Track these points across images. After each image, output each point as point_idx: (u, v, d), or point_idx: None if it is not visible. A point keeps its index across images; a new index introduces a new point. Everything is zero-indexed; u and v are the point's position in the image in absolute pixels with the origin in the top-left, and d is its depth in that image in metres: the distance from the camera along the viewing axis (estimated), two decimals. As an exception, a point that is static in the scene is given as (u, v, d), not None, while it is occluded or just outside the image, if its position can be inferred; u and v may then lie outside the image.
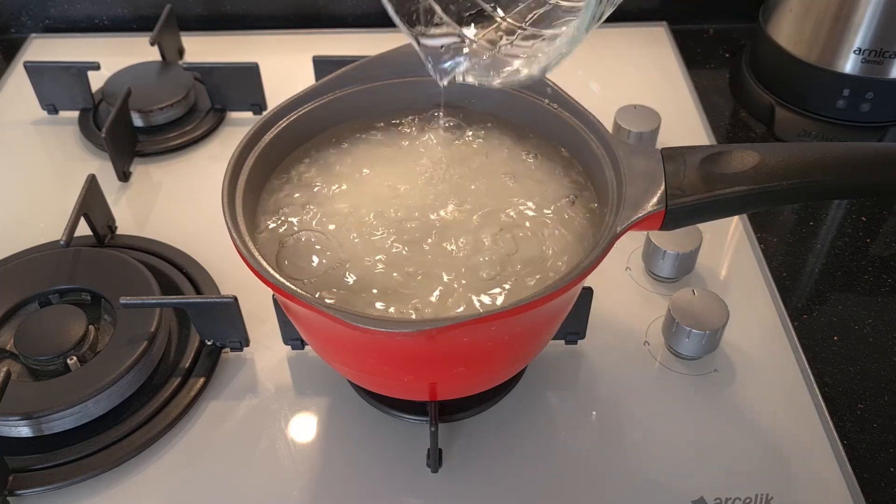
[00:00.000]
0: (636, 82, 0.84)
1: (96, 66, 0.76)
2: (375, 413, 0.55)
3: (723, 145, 0.47)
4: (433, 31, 0.48)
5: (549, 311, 0.46)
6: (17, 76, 0.85)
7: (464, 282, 0.47)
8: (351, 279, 0.47)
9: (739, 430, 0.55)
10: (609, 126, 0.70)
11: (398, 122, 0.55)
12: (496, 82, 0.46)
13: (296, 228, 0.49)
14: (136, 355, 0.54)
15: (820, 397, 0.56)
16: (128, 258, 0.61)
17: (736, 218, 0.69)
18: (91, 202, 0.64)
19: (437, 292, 0.46)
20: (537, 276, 0.46)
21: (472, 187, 0.52)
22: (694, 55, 0.91)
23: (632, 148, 0.46)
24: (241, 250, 0.42)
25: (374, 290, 0.46)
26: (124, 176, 0.73)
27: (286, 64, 0.80)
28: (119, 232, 0.68)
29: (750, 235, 0.68)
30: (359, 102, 0.53)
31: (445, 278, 0.47)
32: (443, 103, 0.54)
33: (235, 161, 0.47)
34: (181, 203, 0.72)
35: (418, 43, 0.46)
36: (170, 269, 0.63)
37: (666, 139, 0.74)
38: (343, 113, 0.53)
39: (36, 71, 0.77)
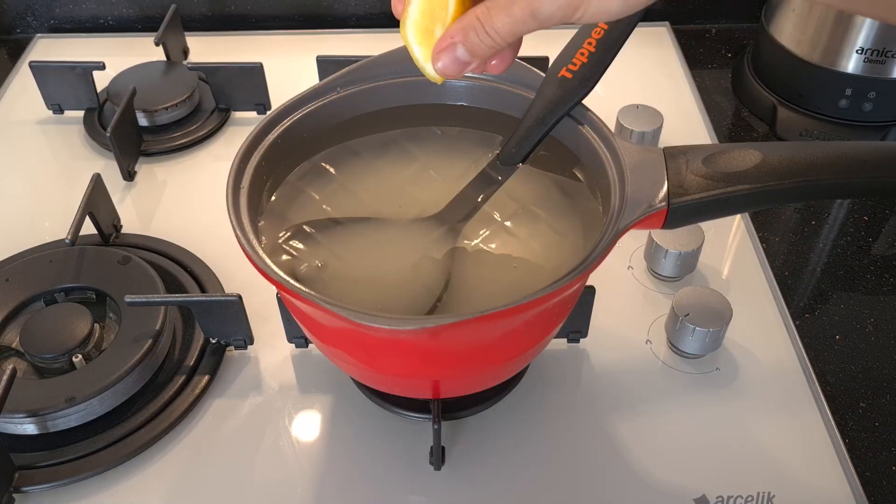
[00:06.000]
0: (639, 82, 0.84)
1: (101, 66, 0.76)
2: (379, 411, 0.55)
3: (725, 144, 0.47)
4: None
5: (551, 309, 0.46)
6: (23, 76, 0.85)
7: (463, 282, 0.47)
8: (350, 275, 0.47)
9: (741, 429, 0.55)
10: (612, 126, 0.70)
11: (400, 120, 0.55)
12: None
13: (302, 227, 0.49)
14: (140, 353, 0.54)
15: (822, 396, 0.56)
16: (133, 257, 0.61)
17: (738, 217, 0.69)
18: (96, 201, 0.64)
19: (433, 294, 0.46)
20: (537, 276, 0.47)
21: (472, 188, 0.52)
22: (696, 55, 0.91)
23: (634, 147, 0.47)
24: (246, 248, 0.42)
25: (373, 286, 0.46)
26: (129, 175, 0.74)
27: (290, 64, 0.80)
28: (124, 231, 0.68)
29: (752, 234, 0.68)
30: (362, 101, 0.53)
31: (445, 277, 0.47)
32: (443, 102, 0.54)
33: (240, 160, 0.47)
34: (186, 202, 0.72)
35: None
36: (174, 267, 0.64)
37: (668, 139, 0.74)
38: (346, 112, 0.53)
39: (41, 71, 0.78)
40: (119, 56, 0.84)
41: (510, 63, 0.39)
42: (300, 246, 0.48)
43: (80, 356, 0.55)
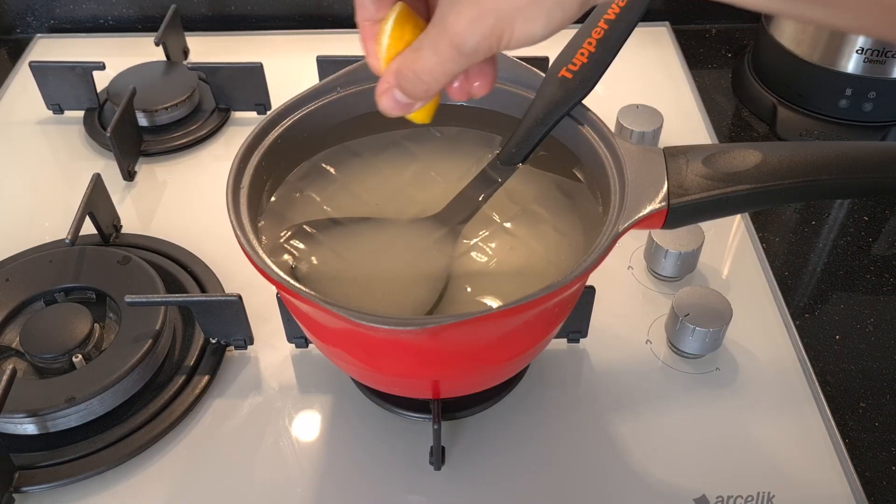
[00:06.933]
0: (639, 82, 0.84)
1: (101, 66, 0.76)
2: (379, 411, 0.55)
3: (725, 144, 0.47)
4: None
5: (551, 309, 0.46)
6: (23, 76, 0.85)
7: (463, 283, 0.47)
8: (350, 275, 0.47)
9: (741, 429, 0.55)
10: (611, 126, 0.70)
11: (400, 120, 0.55)
12: None
13: (302, 227, 0.49)
14: (140, 353, 0.54)
15: (822, 396, 0.56)
16: (133, 257, 0.61)
17: (738, 217, 0.70)
18: (96, 201, 0.64)
19: (433, 295, 0.46)
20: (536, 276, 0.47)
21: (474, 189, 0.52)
22: (696, 55, 0.91)
23: (634, 147, 0.47)
24: (246, 248, 0.42)
25: (373, 286, 0.46)
26: (129, 175, 0.74)
27: (290, 64, 0.80)
28: (124, 231, 0.68)
29: (752, 234, 0.68)
30: (362, 101, 0.53)
31: (445, 277, 0.47)
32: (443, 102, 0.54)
33: (240, 160, 0.47)
34: (186, 202, 0.72)
35: None
36: (174, 267, 0.64)
37: (668, 139, 0.74)
38: (346, 112, 0.53)
39: (41, 71, 0.78)
40: (119, 56, 0.84)
41: (491, 83, 0.38)
42: (300, 246, 0.49)
43: (80, 356, 0.55)
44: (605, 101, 0.74)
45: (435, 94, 0.37)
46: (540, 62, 0.71)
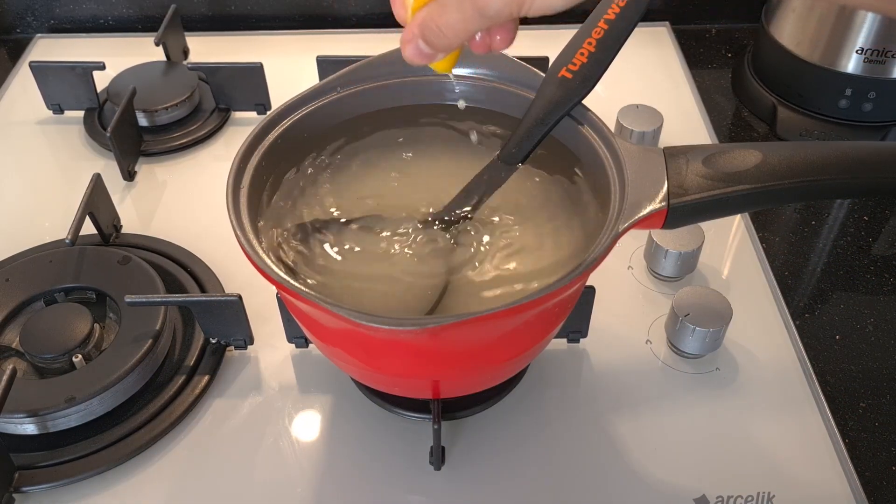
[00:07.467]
0: (639, 82, 0.84)
1: (101, 66, 0.77)
2: (379, 411, 0.55)
3: (725, 144, 0.47)
4: None
5: (551, 309, 0.46)
6: (23, 76, 0.85)
7: (463, 282, 0.47)
8: (350, 275, 0.47)
9: (741, 429, 0.55)
10: (612, 126, 0.70)
11: (400, 120, 0.55)
12: None
13: (302, 227, 0.49)
14: (140, 353, 0.54)
15: (822, 396, 0.56)
16: (133, 257, 0.61)
17: (738, 217, 0.70)
18: (96, 201, 0.64)
19: (433, 294, 0.46)
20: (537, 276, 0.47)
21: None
22: (696, 55, 0.91)
23: (634, 147, 0.47)
24: (246, 248, 0.42)
25: (373, 285, 0.46)
26: (129, 175, 0.74)
27: (290, 64, 0.81)
28: (124, 231, 0.68)
29: (752, 234, 0.68)
30: (361, 102, 0.53)
31: (445, 277, 0.47)
32: (443, 102, 0.54)
33: (240, 160, 0.47)
34: (186, 202, 0.72)
35: None
36: (174, 267, 0.64)
37: (668, 139, 0.74)
38: (346, 112, 0.53)
39: (41, 71, 0.78)
40: (119, 56, 0.84)
41: (512, 39, 0.40)
42: (300, 246, 0.49)
43: (80, 356, 0.55)
44: (605, 101, 0.74)
45: (456, 48, 0.39)
46: (540, 62, 0.72)
